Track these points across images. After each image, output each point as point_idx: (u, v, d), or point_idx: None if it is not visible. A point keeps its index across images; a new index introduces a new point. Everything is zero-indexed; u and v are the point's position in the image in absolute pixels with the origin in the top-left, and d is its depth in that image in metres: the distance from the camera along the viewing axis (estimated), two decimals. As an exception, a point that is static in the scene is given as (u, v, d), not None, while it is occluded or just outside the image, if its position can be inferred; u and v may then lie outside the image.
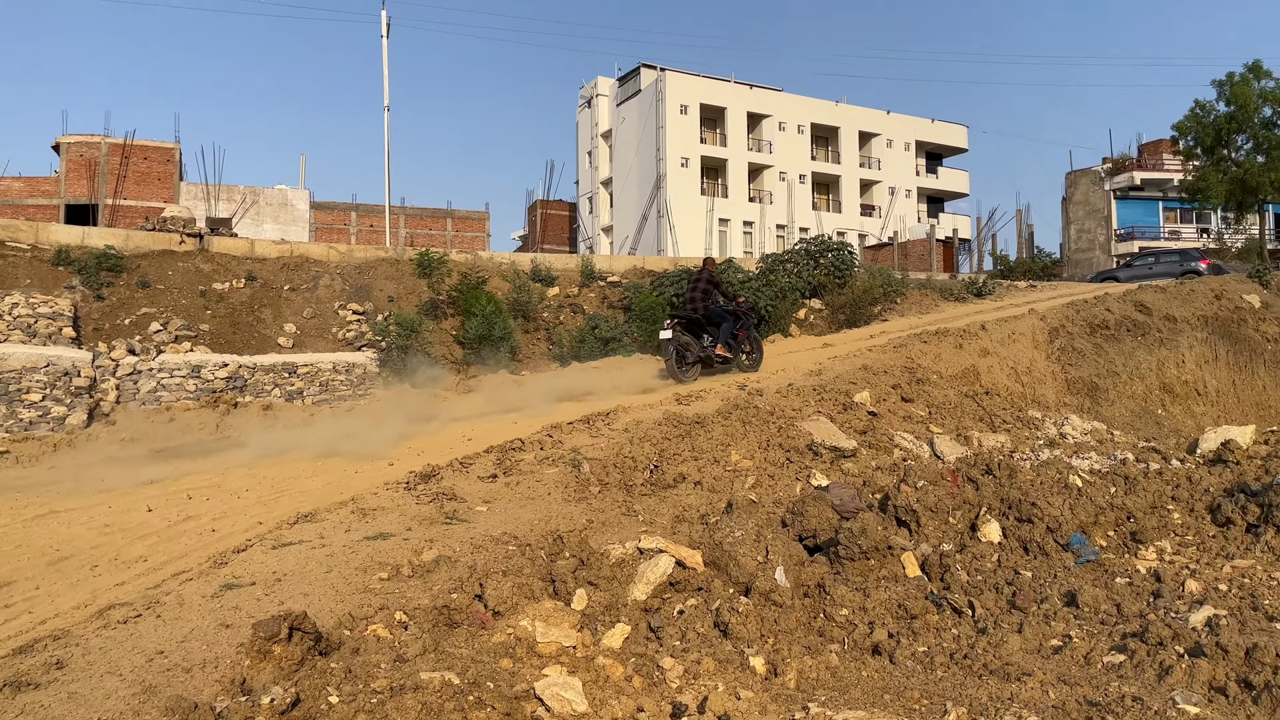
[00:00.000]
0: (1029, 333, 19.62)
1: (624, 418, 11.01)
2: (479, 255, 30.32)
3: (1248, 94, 36.24)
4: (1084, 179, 54.22)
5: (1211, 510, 6.49)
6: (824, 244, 29.65)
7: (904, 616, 4.82)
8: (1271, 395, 23.07)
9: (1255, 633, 4.52)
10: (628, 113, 55.00)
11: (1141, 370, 20.81)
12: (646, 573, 4.73)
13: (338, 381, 22.88)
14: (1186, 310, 23.29)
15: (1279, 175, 35.95)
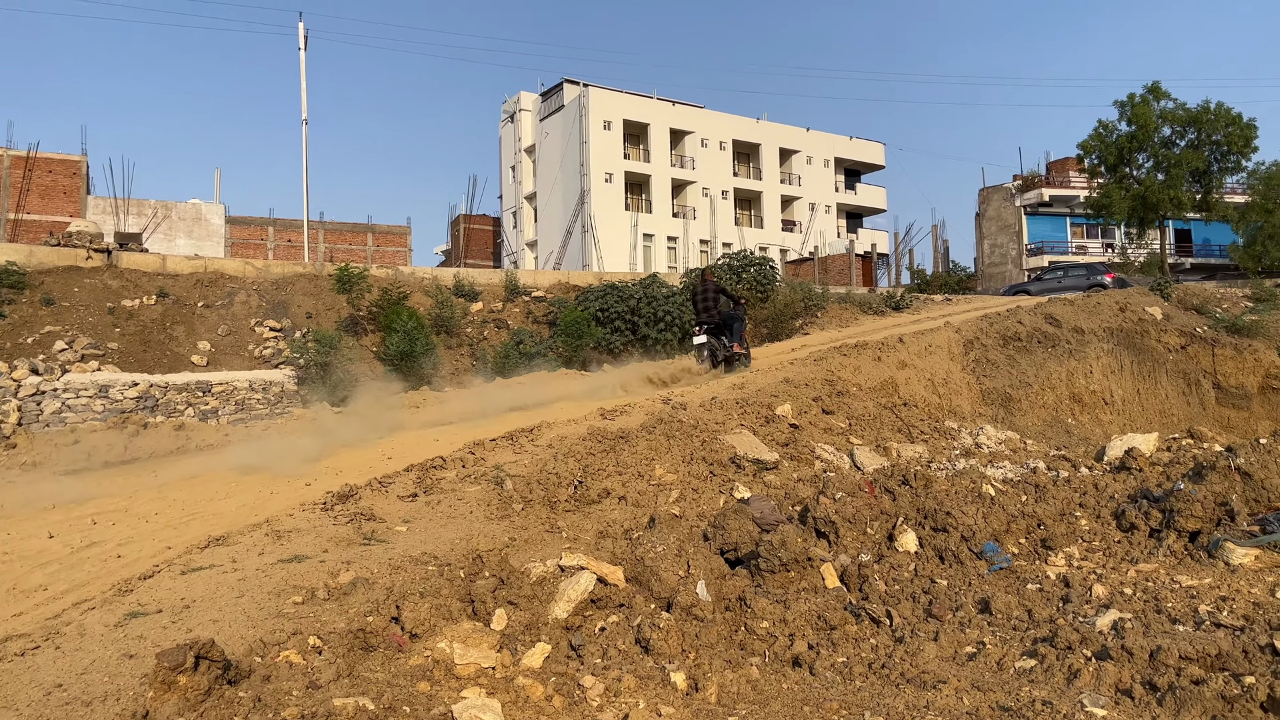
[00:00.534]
0: (945, 345, 20.10)
1: (548, 434, 10.94)
2: (400, 270, 29.93)
3: (1148, 114, 37.77)
4: (996, 195, 55.87)
5: (1117, 516, 6.70)
6: (746, 259, 30.03)
7: (824, 628, 4.87)
8: (1173, 403, 24.01)
9: (1159, 635, 4.67)
10: (551, 128, 54.97)
11: (1052, 380, 21.48)
12: (568, 590, 4.69)
13: (254, 400, 22.32)
14: (1093, 322, 24.12)
15: (1178, 192, 37.51)
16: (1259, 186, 38.64)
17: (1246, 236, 39.14)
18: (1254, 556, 5.97)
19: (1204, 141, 37.66)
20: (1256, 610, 5.11)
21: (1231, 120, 37.15)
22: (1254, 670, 4.21)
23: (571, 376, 19.51)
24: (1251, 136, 37.20)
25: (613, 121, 52.33)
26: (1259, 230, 37.80)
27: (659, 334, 25.46)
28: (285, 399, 22.42)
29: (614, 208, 51.65)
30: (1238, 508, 6.41)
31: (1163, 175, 37.91)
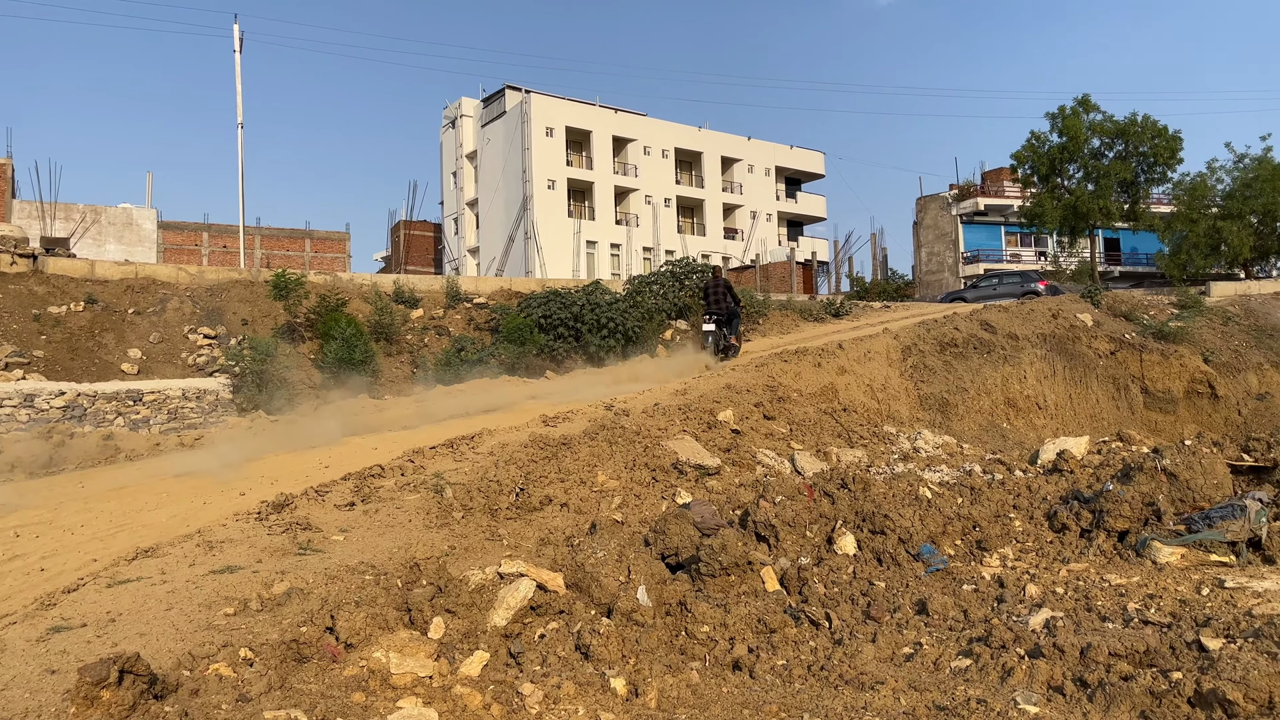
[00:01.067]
0: (883, 351, 20.36)
1: (489, 441, 10.85)
2: (339, 277, 29.47)
3: (1078, 126, 38.74)
4: (933, 204, 56.88)
5: (1049, 517, 6.84)
6: (689, 266, 30.11)
7: (763, 631, 4.89)
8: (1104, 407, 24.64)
9: (1089, 633, 4.77)
10: (493, 134, 54.65)
11: (988, 386, 21.89)
12: (507, 598, 4.65)
13: (188, 409, 21.79)
14: (1027, 328, 24.64)
15: (1107, 202, 38.50)
16: (1183, 197, 39.87)
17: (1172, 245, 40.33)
18: (1180, 555, 6.14)
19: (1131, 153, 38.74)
20: (1183, 607, 5.25)
21: (1158, 133, 38.28)
22: (1181, 666, 4.32)
23: (514, 384, 19.39)
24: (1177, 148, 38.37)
25: (555, 128, 52.21)
26: (1183, 239, 38.98)
27: (602, 340, 25.40)
28: (220, 407, 21.92)
29: (557, 214, 51.51)
30: (1164, 508, 6.58)
31: (1092, 185, 38.89)
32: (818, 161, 65.62)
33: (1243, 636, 4.58)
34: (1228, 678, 3.98)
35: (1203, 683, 3.99)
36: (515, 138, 52.18)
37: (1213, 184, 39.69)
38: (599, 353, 25.14)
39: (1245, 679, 3.96)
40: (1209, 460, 6.96)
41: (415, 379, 22.86)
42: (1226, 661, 4.11)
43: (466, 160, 57.25)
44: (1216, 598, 5.34)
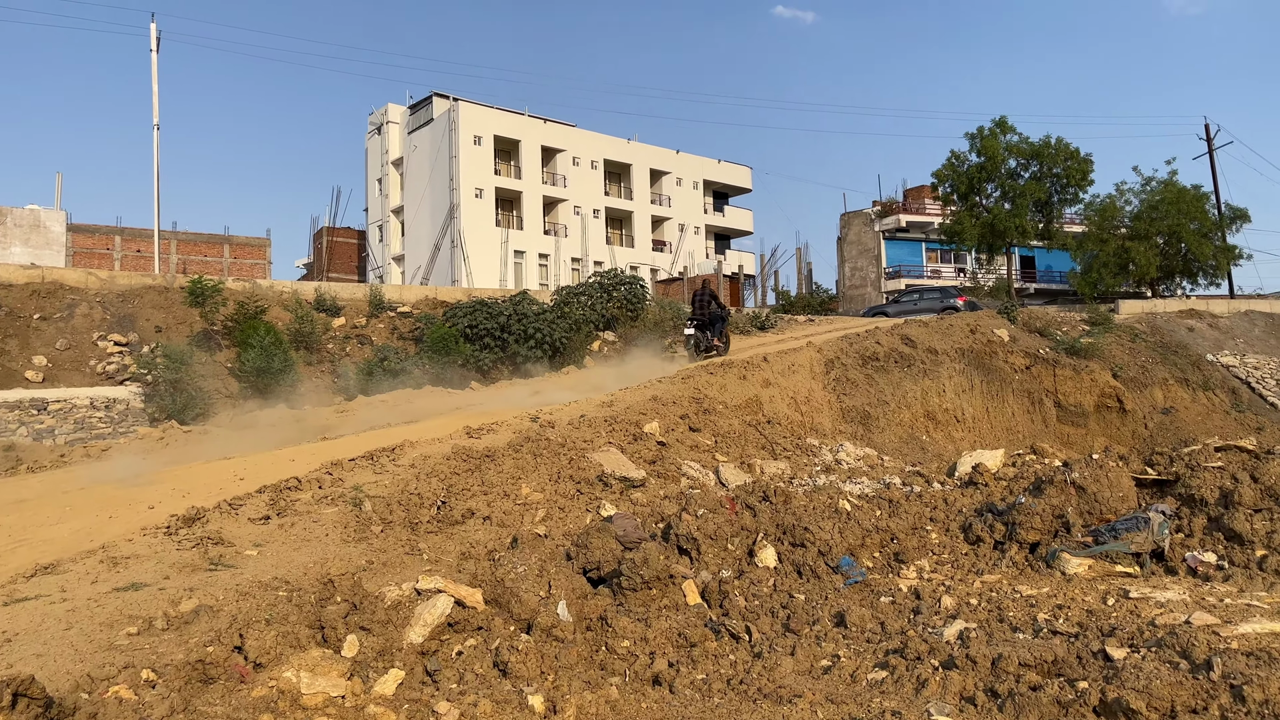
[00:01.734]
0: (807, 364, 20.64)
1: (411, 453, 10.68)
2: (258, 284, 28.82)
3: (996, 147, 39.90)
4: (857, 220, 57.95)
5: (964, 529, 6.99)
6: (617, 277, 30.19)
7: (684, 645, 4.89)
8: (1019, 421, 25.33)
9: (1001, 643, 4.87)
10: (420, 141, 54.07)
11: (908, 399, 22.35)
12: (424, 614, 4.57)
13: (96, 419, 21.06)
14: (946, 343, 25.22)
15: (1023, 221, 39.68)
16: (1094, 218, 41.31)
17: (1083, 264, 41.72)
18: (1087, 566, 6.32)
19: (1046, 174, 40.02)
20: (1090, 617, 5.40)
21: (1070, 155, 39.63)
22: (1087, 676, 4.44)
23: (437, 394, 19.16)
24: (1088, 170, 39.78)
25: (483, 137, 51.89)
26: (1094, 258, 40.34)
27: (529, 351, 25.28)
28: (131, 417, 21.23)
29: (484, 224, 51.14)
30: (1073, 520, 6.77)
31: (1009, 205, 40.07)
32: (745, 176, 66.37)
33: (1146, 646, 4.73)
34: (1131, 687, 4.11)
35: (1107, 692, 4.10)
36: (442, 145, 51.70)
37: (1121, 205, 41.21)
38: (526, 364, 25.00)
39: (1148, 688, 4.09)
40: (1115, 474, 7.18)
41: (336, 389, 22.43)
42: (1130, 671, 4.24)
43: (392, 167, 56.53)
44: (1121, 608, 5.50)
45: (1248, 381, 28.27)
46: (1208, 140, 45.76)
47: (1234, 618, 5.10)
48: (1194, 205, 39.57)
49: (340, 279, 50.60)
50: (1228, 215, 41.91)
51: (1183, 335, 31.30)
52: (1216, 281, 42.25)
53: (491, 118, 52.99)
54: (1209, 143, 45.66)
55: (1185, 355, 29.51)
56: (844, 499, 7.42)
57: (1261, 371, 29.02)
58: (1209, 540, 6.75)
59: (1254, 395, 27.59)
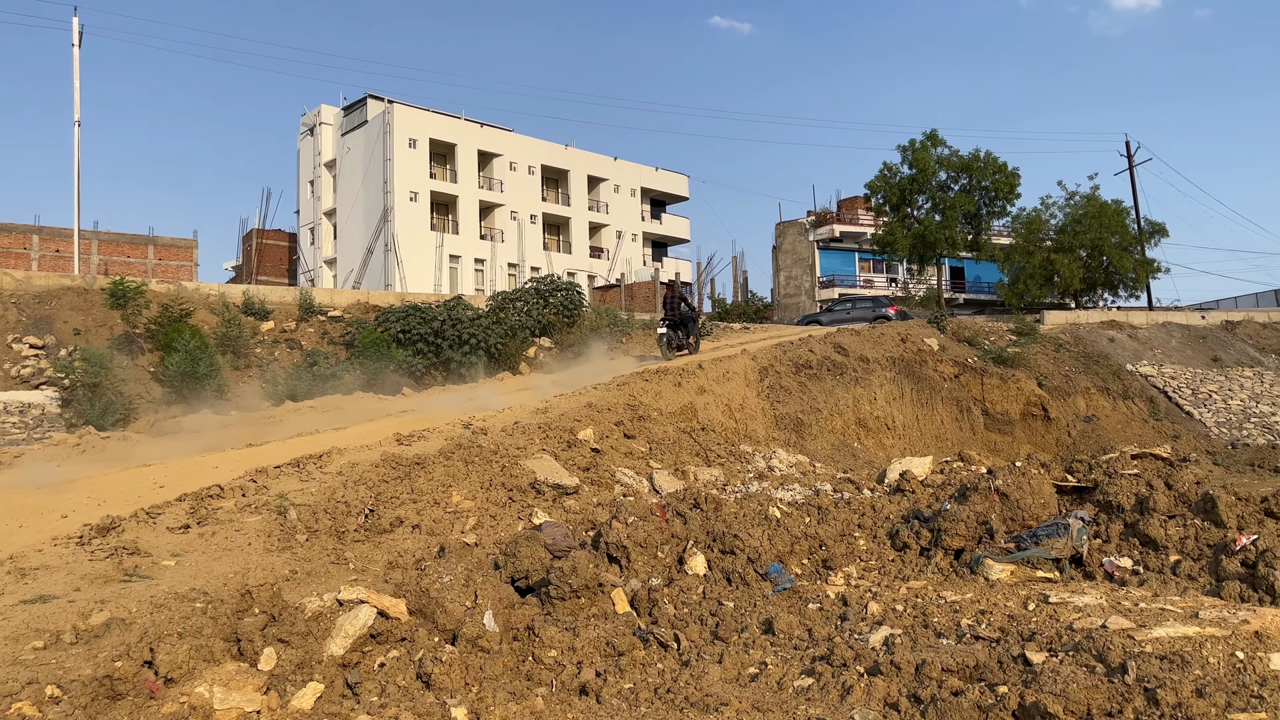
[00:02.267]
0: (742, 372, 20.79)
1: (339, 460, 10.49)
2: (184, 286, 28.10)
3: (927, 159, 40.67)
4: (791, 229, 58.60)
5: (891, 536, 7.08)
6: (554, 283, 30.07)
7: (612, 654, 4.86)
8: (948, 428, 25.81)
9: (925, 649, 4.93)
10: (353, 143, 53.28)
11: (840, 406, 22.62)
12: (345, 625, 4.47)
13: (10, 424, 20.29)
14: (878, 352, 25.61)
15: (952, 232, 40.51)
16: (1021, 230, 42.32)
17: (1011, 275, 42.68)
18: (1010, 571, 6.44)
19: (975, 187, 40.91)
20: (1011, 622, 5.50)
21: (998, 169, 40.57)
22: (1007, 680, 4.51)
23: (368, 400, 18.86)
24: (1015, 184, 40.75)
25: (419, 140, 51.33)
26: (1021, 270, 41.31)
27: (463, 356, 25.02)
28: (46, 423, 20.50)
29: (419, 227, 50.56)
30: (996, 526, 6.91)
31: (939, 216, 40.85)
32: (682, 184, 66.68)
33: (1064, 650, 4.83)
34: (1049, 691, 4.19)
35: (1026, 696, 4.17)
36: (377, 148, 51.03)
37: (1047, 219, 42.27)
38: (460, 369, 24.75)
39: (1065, 692, 4.17)
40: (1037, 481, 7.35)
41: (264, 394, 21.93)
42: (1048, 675, 4.32)
43: (325, 169, 55.61)
44: (1041, 613, 5.62)
45: (1165, 391, 29.18)
46: (1128, 157, 47.23)
47: (1148, 622, 5.23)
48: (1115, 220, 40.77)
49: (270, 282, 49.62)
50: (1147, 230, 43.26)
51: (1104, 346, 32.21)
52: (1136, 294, 43.58)
53: (427, 121, 52.47)
54: (1129, 159, 47.13)
55: (1106, 365, 30.36)
56: (774, 506, 7.47)
57: (1178, 381, 29.98)
58: (1125, 546, 6.94)
59: (1170, 404, 28.48)
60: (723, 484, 12.37)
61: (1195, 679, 4.33)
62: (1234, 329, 35.50)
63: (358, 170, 52.50)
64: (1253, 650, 4.75)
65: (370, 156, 51.51)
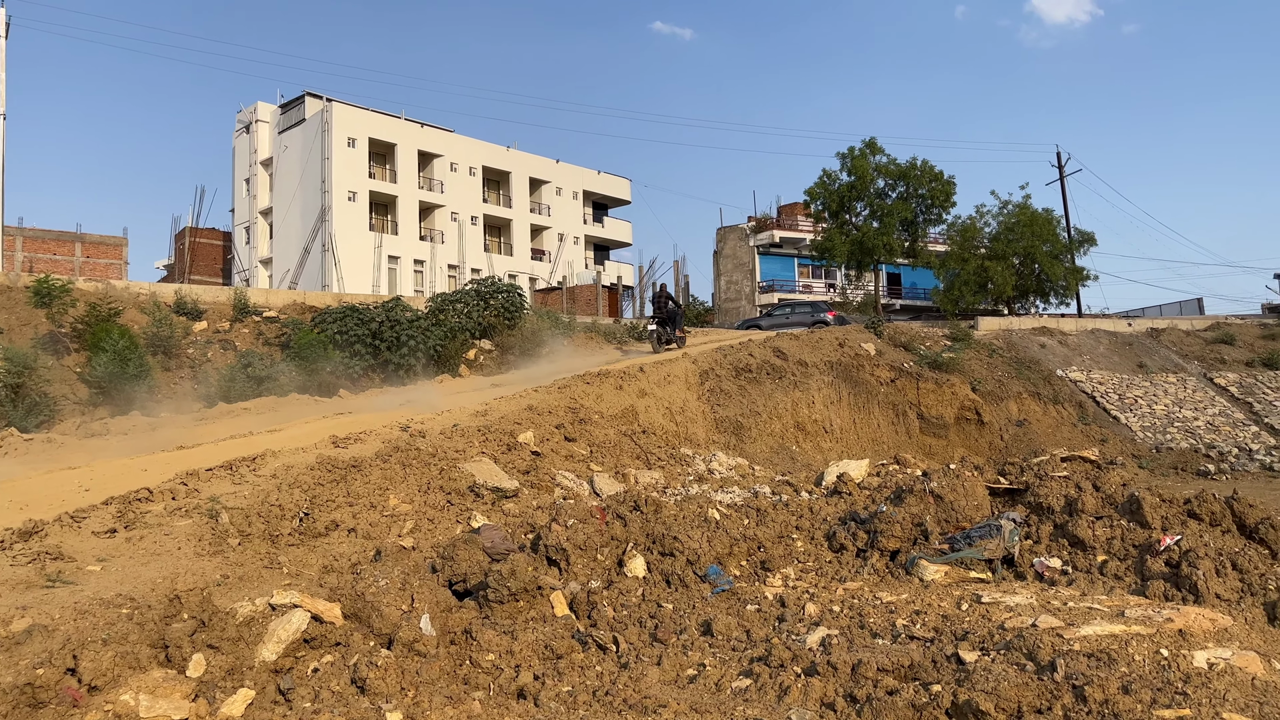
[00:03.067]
0: (683, 375, 20.86)
1: (273, 462, 10.28)
2: (113, 285, 27.35)
3: (865, 167, 41.29)
4: (732, 235, 59.05)
5: (829, 538, 7.16)
6: (495, 285, 29.86)
7: (550, 657, 4.84)
8: (885, 431, 26.18)
9: (861, 649, 4.99)
10: (291, 141, 52.38)
11: (779, 410, 22.82)
12: (278, 630, 4.38)
13: (-75, 426, 19.50)
14: (816, 356, 25.89)
15: (890, 239, 41.17)
16: (956, 237, 43.18)
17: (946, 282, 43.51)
18: (944, 572, 6.55)
19: (912, 194, 41.65)
20: (945, 622, 5.59)
21: (934, 177, 41.36)
22: (941, 679, 4.59)
23: (304, 402, 18.54)
24: (951, 192, 41.58)
25: (358, 139, 50.66)
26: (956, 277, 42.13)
27: (402, 359, 24.72)
28: (-35, 424, 19.76)
29: (357, 227, 49.88)
30: (931, 528, 7.02)
31: (877, 223, 41.50)
32: (624, 188, 66.77)
33: (996, 649, 4.93)
34: (981, 689, 4.26)
35: (959, 694, 4.25)
36: (315, 146, 50.25)
37: (981, 227, 43.19)
38: (398, 372, 24.45)
39: (996, 690, 4.25)
40: (970, 483, 7.49)
41: (196, 396, 21.42)
42: (980, 674, 4.40)
43: (261, 167, 54.58)
44: (974, 612, 5.72)
45: (1093, 396, 29.97)
46: (1059, 167, 48.45)
47: (1077, 620, 5.36)
48: (1046, 228, 41.80)
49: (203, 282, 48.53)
50: (1077, 239, 44.44)
51: (1036, 351, 32.98)
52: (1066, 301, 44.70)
53: (366, 120, 51.81)
54: (1060, 169, 48.35)
55: (1038, 370, 31.08)
56: (714, 508, 7.50)
57: (1105, 386, 30.81)
58: (1055, 546, 7.10)
59: (1099, 409, 29.25)
60: (663, 486, 12.39)
61: (1121, 676, 4.45)
62: (1159, 336, 36.60)
63: (295, 169, 51.64)
64: (1176, 648, 4.89)
65: (308, 155, 50.70)
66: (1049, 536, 7.20)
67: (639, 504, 7.14)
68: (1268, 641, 5.40)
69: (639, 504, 7.14)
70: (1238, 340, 35.73)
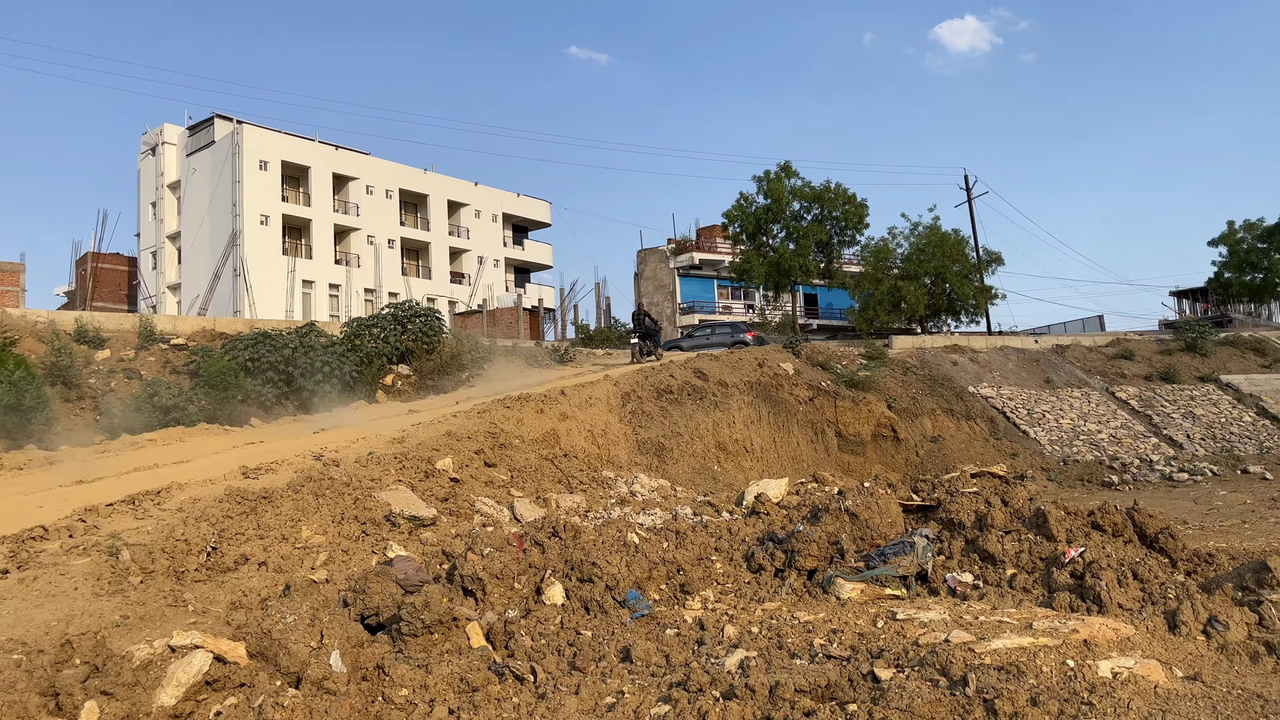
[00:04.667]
0: (604, 397, 20.83)
1: (179, 495, 9.96)
2: (8, 313, 26.24)
3: (781, 190, 41.99)
4: (653, 257, 59.42)
5: (747, 559, 7.19)
6: (412, 309, 29.46)
7: (466, 690, 4.74)
8: (804, 450, 26.49)
9: (779, 670, 5.01)
10: (200, 164, 51.07)
11: (700, 430, 22.93)
12: (177, 673, 4.20)
13: None
14: (736, 376, 26.13)
15: (806, 261, 41.89)
16: (870, 259, 44.13)
17: (861, 302, 44.37)
18: (860, 590, 6.63)
19: (826, 217, 42.49)
20: (861, 640, 5.65)
21: (848, 199, 42.27)
22: (857, 698, 4.62)
23: (213, 432, 18.00)
24: (864, 214, 42.56)
25: (269, 162, 49.66)
26: (870, 297, 43.00)
27: (316, 386, 24.17)
28: None
29: (270, 252, 48.80)
30: (847, 546, 7.10)
31: (793, 245, 42.20)
32: (544, 210, 66.70)
33: (910, 665, 4.99)
34: (896, 706, 4.31)
35: (875, 713, 4.29)
36: (225, 169, 49.09)
37: (893, 248, 44.22)
38: (312, 399, 23.91)
39: (911, 707, 4.30)
40: (885, 501, 7.61)
41: (99, 427, 20.63)
42: (895, 691, 4.45)
43: (168, 190, 53.09)
44: (889, 629, 5.79)
45: (1004, 411, 30.81)
46: (967, 190, 49.97)
47: (987, 634, 5.47)
48: (955, 249, 42.98)
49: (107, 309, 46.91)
50: (985, 259, 45.80)
51: (948, 369, 33.80)
52: (976, 319, 45.99)
53: (279, 142, 50.86)
54: (968, 192, 49.86)
55: (950, 387, 31.84)
56: (633, 532, 7.48)
57: (1015, 402, 31.71)
58: (966, 561, 7.25)
59: (1009, 424, 30.07)
60: (585, 510, 12.34)
61: (1030, 688, 4.54)
62: (1064, 352, 37.87)
63: (204, 192, 50.36)
64: (1082, 659, 5.03)
65: (218, 178, 49.51)
66: (961, 552, 7.35)
67: (557, 530, 7.08)
68: (1169, 650, 5.58)
69: (557, 530, 7.08)
70: (1137, 355, 37.17)
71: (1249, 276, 47.93)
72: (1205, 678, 5.11)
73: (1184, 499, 20.37)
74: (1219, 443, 29.22)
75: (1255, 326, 47.17)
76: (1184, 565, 7.02)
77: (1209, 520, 15.63)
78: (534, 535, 6.93)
